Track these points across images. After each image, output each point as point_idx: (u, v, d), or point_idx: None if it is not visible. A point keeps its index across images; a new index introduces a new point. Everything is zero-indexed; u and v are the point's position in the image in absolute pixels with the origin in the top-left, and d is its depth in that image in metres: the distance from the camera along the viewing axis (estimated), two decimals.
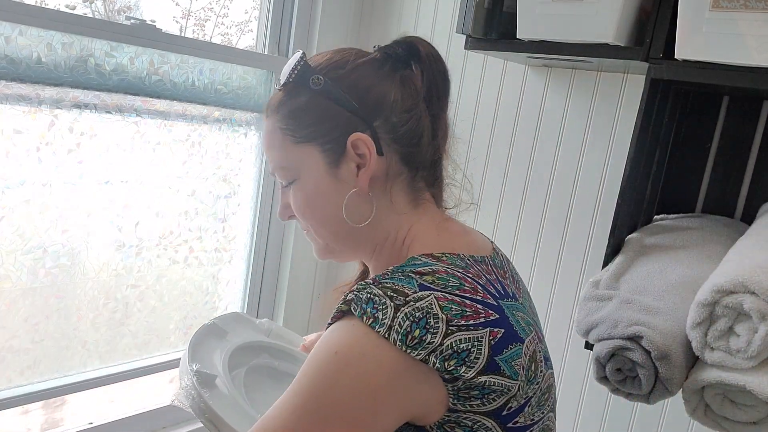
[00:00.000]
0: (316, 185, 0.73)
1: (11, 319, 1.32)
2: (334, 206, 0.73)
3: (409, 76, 0.76)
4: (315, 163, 0.73)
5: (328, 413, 0.60)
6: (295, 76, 0.75)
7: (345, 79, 0.74)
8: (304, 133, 0.73)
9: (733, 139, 1.20)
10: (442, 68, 0.77)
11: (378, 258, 0.77)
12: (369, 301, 0.62)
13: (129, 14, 1.44)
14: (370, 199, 0.73)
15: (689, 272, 1.00)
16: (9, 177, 1.25)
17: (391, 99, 0.73)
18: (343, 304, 0.64)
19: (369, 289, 0.63)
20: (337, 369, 0.61)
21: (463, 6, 1.28)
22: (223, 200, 1.68)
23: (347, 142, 0.71)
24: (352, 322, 0.62)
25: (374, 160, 0.72)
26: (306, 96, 0.74)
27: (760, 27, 0.90)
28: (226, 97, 1.60)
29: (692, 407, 0.89)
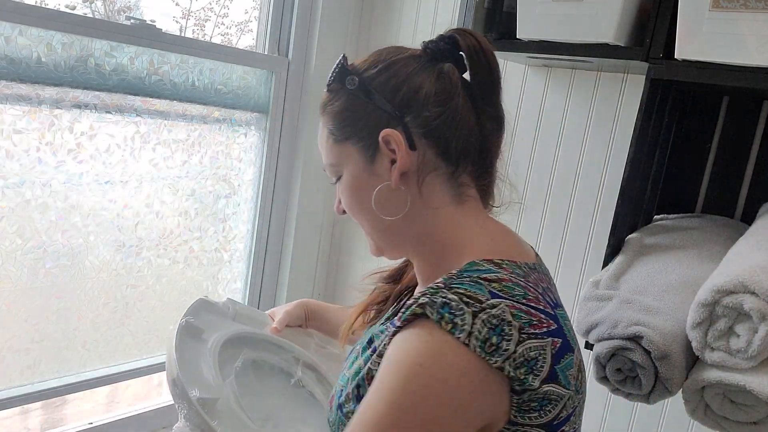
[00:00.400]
0: (356, 181, 0.76)
1: (11, 319, 1.32)
2: (366, 199, 0.75)
3: (447, 70, 0.75)
4: (353, 160, 0.76)
5: (420, 428, 0.59)
6: (334, 78, 0.78)
7: (377, 78, 0.75)
8: (343, 132, 0.76)
9: (733, 139, 1.20)
10: (485, 60, 0.75)
11: (422, 255, 0.78)
12: (445, 306, 0.62)
13: (129, 14, 1.44)
14: (404, 193, 0.74)
15: (689, 272, 1.00)
16: (9, 177, 1.25)
17: (423, 93, 0.73)
18: (417, 306, 0.63)
19: (443, 294, 0.63)
20: (425, 384, 0.60)
21: (463, 6, 1.28)
22: (223, 200, 1.68)
23: (379, 138, 0.73)
24: (430, 329, 0.61)
25: (405, 154, 0.72)
26: (344, 96, 0.76)
27: (760, 27, 0.90)
28: (226, 97, 1.60)
29: (692, 407, 0.89)
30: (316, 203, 1.86)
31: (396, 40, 1.77)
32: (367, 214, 0.76)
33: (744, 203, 1.20)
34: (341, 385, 0.76)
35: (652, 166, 1.19)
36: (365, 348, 0.76)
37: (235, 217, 1.73)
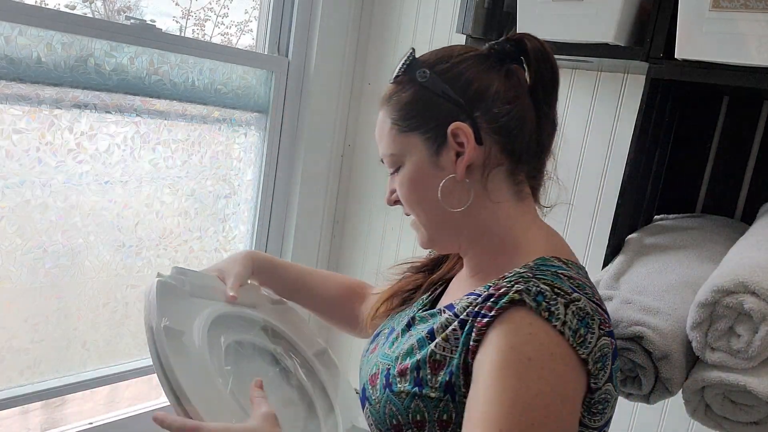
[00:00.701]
0: (418, 172, 0.77)
1: (11, 319, 1.32)
2: (433, 192, 0.76)
3: (515, 71, 0.78)
4: (418, 151, 0.77)
5: (541, 421, 0.61)
6: (404, 70, 0.79)
7: (448, 72, 0.77)
8: (409, 123, 0.77)
9: (733, 139, 1.20)
10: (550, 65, 0.78)
11: (478, 248, 0.80)
12: (539, 294, 0.64)
13: (129, 14, 1.44)
14: (468, 186, 0.76)
15: (689, 272, 1.00)
16: (9, 177, 1.25)
17: (493, 90, 0.75)
18: (515, 293, 0.65)
19: (535, 283, 0.65)
20: (537, 377, 0.61)
21: (463, 6, 1.28)
22: (223, 200, 1.68)
23: (448, 131, 0.74)
24: (529, 319, 0.63)
25: (472, 148, 0.74)
26: (412, 89, 0.77)
27: (760, 27, 0.90)
28: (226, 97, 1.60)
29: (692, 407, 0.89)
30: (316, 203, 1.86)
31: (396, 40, 1.77)
32: (426, 205, 0.78)
33: (744, 203, 1.20)
34: (385, 363, 0.77)
35: (652, 166, 1.19)
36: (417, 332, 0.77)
37: (235, 217, 1.73)
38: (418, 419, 0.70)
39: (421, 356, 0.72)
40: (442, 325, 0.73)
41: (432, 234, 0.80)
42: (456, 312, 0.73)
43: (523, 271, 0.69)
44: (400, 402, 0.71)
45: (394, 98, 0.79)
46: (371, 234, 1.88)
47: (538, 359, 0.62)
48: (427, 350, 0.71)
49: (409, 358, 0.73)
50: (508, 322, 0.64)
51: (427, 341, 0.73)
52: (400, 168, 0.79)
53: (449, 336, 0.70)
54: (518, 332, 0.64)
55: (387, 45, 1.79)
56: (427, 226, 0.80)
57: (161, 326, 0.74)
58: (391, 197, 0.83)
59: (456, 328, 0.70)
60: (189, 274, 0.91)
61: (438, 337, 0.72)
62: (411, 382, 0.71)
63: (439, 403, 0.69)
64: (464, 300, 0.74)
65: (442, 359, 0.69)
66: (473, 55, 0.78)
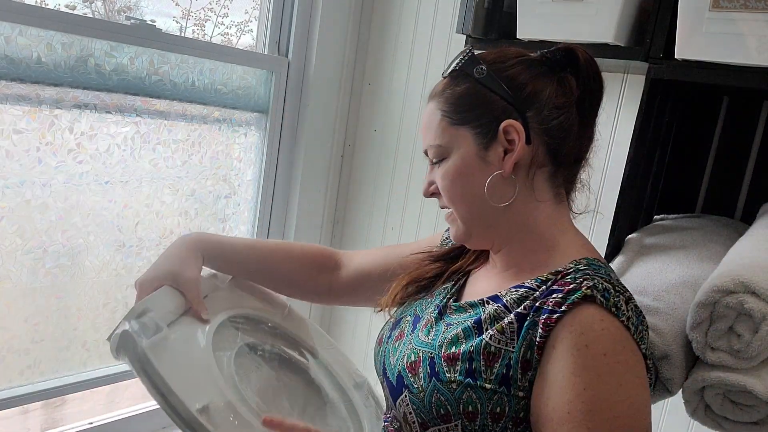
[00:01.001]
0: (465, 164, 0.78)
1: (11, 319, 1.32)
2: (477, 186, 0.78)
3: (567, 79, 0.80)
4: (466, 144, 0.78)
5: (625, 412, 0.64)
6: (462, 65, 0.80)
7: (504, 72, 0.78)
8: (461, 116, 0.78)
9: (733, 139, 1.20)
10: (599, 78, 0.81)
11: (514, 244, 0.81)
12: (606, 291, 0.68)
13: (129, 14, 1.44)
14: (513, 182, 0.78)
15: (689, 272, 1.00)
16: (9, 177, 1.25)
17: (546, 95, 0.78)
18: (587, 289, 0.67)
19: (599, 280, 0.69)
20: (614, 371, 0.65)
21: (463, 6, 1.28)
22: (223, 200, 1.68)
23: (499, 127, 0.76)
24: (600, 315, 0.66)
25: (522, 146, 0.76)
26: (468, 83, 0.79)
27: (760, 27, 0.90)
28: (226, 97, 1.60)
29: (692, 407, 0.89)
30: (316, 203, 1.86)
31: (396, 40, 1.77)
32: (469, 198, 0.79)
33: (744, 203, 1.20)
34: (427, 351, 0.77)
35: (652, 166, 1.19)
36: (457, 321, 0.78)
37: (235, 217, 1.73)
38: (470, 410, 0.70)
39: (473, 347, 0.72)
40: (491, 316, 0.74)
41: (470, 227, 0.81)
42: (506, 304, 0.74)
43: (583, 268, 0.72)
44: (449, 392, 0.72)
45: (448, 91, 0.80)
46: (371, 234, 1.88)
47: (613, 353, 0.65)
48: (480, 341, 0.72)
49: (455, 346, 0.74)
50: (579, 318, 0.67)
51: (474, 331, 0.74)
52: (444, 160, 0.79)
53: (505, 329, 0.71)
54: (592, 328, 0.66)
55: (387, 45, 1.79)
56: (466, 220, 0.80)
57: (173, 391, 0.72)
58: (429, 188, 0.83)
59: (512, 321, 0.71)
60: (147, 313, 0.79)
61: (490, 329, 0.73)
62: (462, 372, 0.72)
63: (493, 396, 0.70)
64: (513, 292, 0.75)
65: (497, 351, 0.71)
66: (527, 59, 0.80)
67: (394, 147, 1.80)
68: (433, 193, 0.83)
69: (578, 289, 0.68)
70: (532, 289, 0.74)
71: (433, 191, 0.82)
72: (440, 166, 0.80)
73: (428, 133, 0.82)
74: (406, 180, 1.77)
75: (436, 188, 0.82)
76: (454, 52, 1.69)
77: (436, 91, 0.82)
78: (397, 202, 1.80)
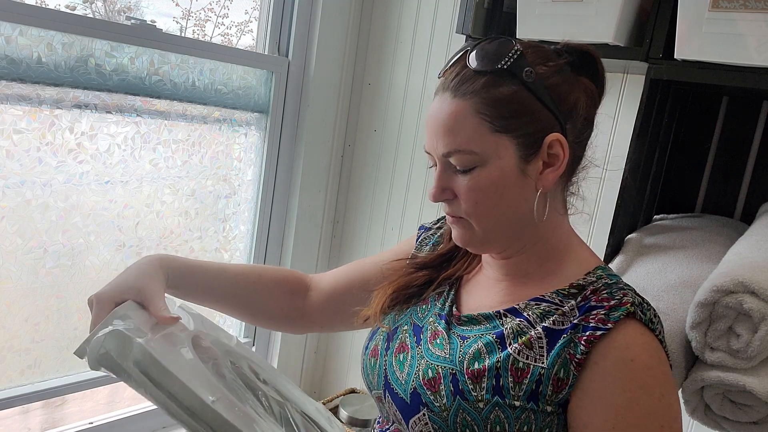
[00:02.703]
0: (503, 176, 0.71)
1: (12, 319, 1.32)
2: (512, 200, 0.72)
3: (591, 89, 0.77)
4: (507, 155, 0.71)
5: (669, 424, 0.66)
6: (509, 65, 0.71)
7: (549, 78, 0.72)
8: (503, 123, 0.70)
9: (732, 139, 1.20)
10: (604, 83, 0.79)
11: (528, 254, 0.77)
12: (642, 305, 0.69)
13: (129, 14, 1.44)
14: (545, 197, 0.74)
15: (689, 272, 1.00)
16: (9, 177, 1.25)
17: (581, 105, 0.75)
18: (630, 306, 0.67)
19: (632, 294, 0.70)
20: (658, 383, 0.66)
21: (463, 6, 1.28)
22: (223, 200, 1.68)
23: (544, 140, 0.71)
24: (641, 330, 0.67)
25: (566, 161, 0.73)
26: (513, 86, 0.71)
27: (760, 27, 0.90)
28: (226, 97, 1.61)
29: (692, 407, 0.89)
30: (316, 203, 1.86)
31: (396, 40, 1.77)
32: (500, 211, 0.73)
33: (744, 203, 1.20)
34: (447, 367, 0.73)
35: (652, 166, 1.19)
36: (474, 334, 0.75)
37: (235, 217, 1.73)
38: (498, 430, 0.68)
39: (499, 362, 0.70)
40: (514, 331, 0.71)
41: (489, 237, 0.75)
42: (529, 319, 0.72)
43: (608, 281, 0.72)
44: (476, 411, 0.69)
45: (490, 92, 0.70)
46: (371, 234, 1.88)
47: (656, 366, 0.66)
48: (507, 356, 0.70)
49: (479, 362, 0.71)
50: (623, 336, 0.66)
51: (497, 346, 0.71)
52: (476, 168, 0.71)
53: (533, 343, 0.69)
54: (635, 343, 0.66)
55: (387, 45, 1.79)
56: (489, 231, 0.74)
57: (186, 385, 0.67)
58: (442, 195, 0.74)
59: (541, 336, 0.70)
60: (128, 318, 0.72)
61: (515, 343, 0.70)
62: (489, 390, 0.69)
63: (522, 414, 0.68)
64: (533, 306, 0.73)
65: (526, 367, 0.68)
66: (562, 63, 0.75)
67: (394, 147, 1.80)
68: (446, 199, 0.75)
69: (621, 306, 0.68)
70: (555, 304, 0.72)
71: (446, 198, 0.75)
72: (468, 174, 0.72)
73: (455, 137, 0.71)
74: (406, 180, 1.77)
75: (451, 195, 0.74)
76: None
77: (468, 89, 0.71)
78: (397, 202, 1.80)
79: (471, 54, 0.73)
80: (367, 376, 0.84)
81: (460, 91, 0.72)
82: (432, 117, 0.74)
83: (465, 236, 0.76)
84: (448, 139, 0.72)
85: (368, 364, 0.84)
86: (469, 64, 0.72)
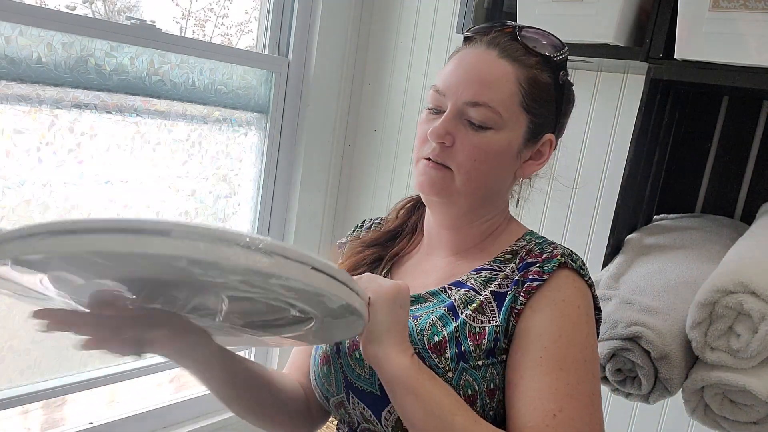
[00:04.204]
0: (506, 148, 0.76)
1: (11, 319, 1.32)
2: (500, 172, 0.78)
3: (569, 86, 0.82)
4: (518, 132, 0.76)
5: (591, 358, 0.70)
6: (558, 60, 0.78)
7: (568, 88, 0.81)
8: (531, 104, 0.76)
9: (732, 139, 1.20)
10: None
11: (472, 228, 0.82)
12: (571, 255, 0.74)
13: (129, 14, 1.44)
14: (521, 184, 0.84)
15: (689, 272, 1.00)
16: (9, 177, 1.25)
17: (570, 108, 0.82)
18: (561, 257, 0.73)
19: (562, 247, 0.75)
20: (585, 321, 0.71)
21: (463, 6, 1.28)
22: (223, 200, 1.68)
23: (543, 135, 0.79)
24: (573, 276, 0.73)
25: (546, 161, 0.80)
26: (550, 79, 0.77)
27: (760, 27, 0.90)
28: (226, 97, 1.61)
29: (692, 407, 0.89)
30: (316, 203, 1.86)
31: (396, 40, 1.77)
32: (488, 177, 0.77)
33: (744, 203, 1.20)
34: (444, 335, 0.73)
35: (652, 166, 1.19)
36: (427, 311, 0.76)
37: (235, 217, 1.73)
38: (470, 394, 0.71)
39: (457, 329, 0.72)
40: (462, 300, 0.75)
41: (463, 194, 0.77)
42: (474, 287, 0.76)
43: (539, 240, 0.78)
44: (447, 382, 0.70)
45: (535, 73, 0.76)
46: None
47: (585, 306, 0.72)
48: (463, 323, 0.73)
49: (437, 335, 0.73)
50: (556, 281, 0.72)
51: (450, 317, 0.74)
52: (489, 129, 0.74)
53: (484, 308, 0.74)
54: (567, 287, 0.72)
55: (387, 45, 1.79)
56: (467, 190, 0.76)
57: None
58: (445, 137, 0.74)
59: (490, 300, 0.74)
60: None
61: (467, 310, 0.74)
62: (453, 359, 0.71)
63: (486, 372, 0.71)
64: (475, 276, 0.77)
65: (482, 330, 0.72)
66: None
67: (394, 147, 1.80)
68: (444, 144, 0.74)
69: (553, 258, 0.73)
70: (494, 270, 0.77)
71: (446, 143, 0.74)
72: (480, 132, 0.74)
73: (489, 91, 0.73)
74: (406, 180, 1.77)
75: (450, 141, 0.74)
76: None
77: (520, 60, 0.75)
78: None
79: (524, 31, 0.78)
80: (321, 386, 0.80)
81: (509, 55, 0.75)
82: (468, 63, 0.76)
83: (440, 183, 0.76)
84: (481, 90, 0.74)
85: (320, 373, 0.80)
86: (522, 38, 0.77)
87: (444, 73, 0.77)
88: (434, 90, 0.77)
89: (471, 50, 0.77)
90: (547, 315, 0.70)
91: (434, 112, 0.77)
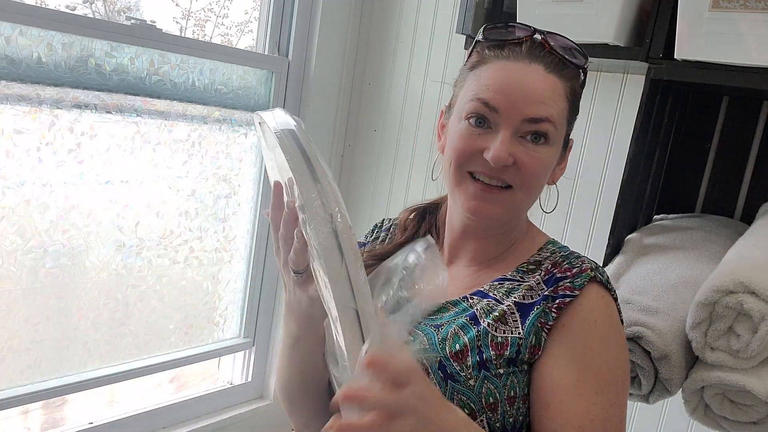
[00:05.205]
0: (554, 158, 0.77)
1: (12, 319, 1.32)
2: (544, 182, 0.79)
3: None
4: (560, 142, 0.77)
5: (623, 378, 0.72)
6: (587, 67, 0.78)
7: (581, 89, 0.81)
8: (573, 113, 0.78)
9: (732, 139, 1.20)
10: None
11: (502, 237, 0.82)
12: (597, 268, 0.75)
13: (129, 14, 1.44)
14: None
15: (689, 272, 1.00)
16: (9, 177, 1.25)
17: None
18: (590, 271, 0.74)
19: (587, 260, 0.76)
20: (615, 340, 0.72)
21: (463, 6, 1.28)
22: (223, 200, 1.68)
23: (570, 140, 0.81)
24: (602, 292, 0.74)
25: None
26: (581, 87, 0.79)
27: (760, 27, 0.90)
28: (226, 97, 1.61)
29: (692, 407, 0.89)
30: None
31: (396, 40, 1.77)
32: (539, 188, 0.78)
33: (744, 203, 1.20)
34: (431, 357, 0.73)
35: (652, 166, 1.19)
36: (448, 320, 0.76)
37: (235, 217, 1.73)
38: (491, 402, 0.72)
39: (480, 338, 0.73)
40: (484, 310, 0.75)
41: (517, 211, 0.78)
42: (496, 298, 0.76)
43: (564, 253, 0.78)
44: (469, 390, 0.72)
45: (573, 82, 0.76)
46: None
47: (614, 325, 0.73)
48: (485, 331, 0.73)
49: (459, 343, 0.73)
50: (587, 299, 0.73)
51: (471, 326, 0.75)
52: (546, 144, 0.74)
53: (507, 318, 0.74)
54: (599, 306, 0.73)
55: (387, 45, 1.79)
56: (522, 204, 0.77)
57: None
58: (508, 159, 0.72)
59: (513, 311, 0.74)
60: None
61: (488, 319, 0.74)
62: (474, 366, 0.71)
63: (507, 380, 0.72)
64: (497, 286, 0.77)
65: (504, 340, 0.72)
66: None
67: (394, 147, 1.80)
68: (505, 165, 0.72)
69: (582, 273, 0.74)
70: (517, 281, 0.77)
71: (506, 164, 0.72)
72: (538, 146, 0.73)
73: (549, 108, 0.73)
74: (406, 180, 1.77)
75: (512, 161, 0.72)
76: (454, 52, 1.70)
77: (564, 72, 0.74)
78: (397, 202, 1.80)
79: (552, 39, 0.75)
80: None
81: (553, 70, 0.74)
82: (518, 80, 0.73)
83: (498, 209, 0.75)
84: (542, 107, 0.72)
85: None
86: (556, 50, 0.74)
87: (490, 87, 0.73)
88: (480, 102, 0.73)
89: (513, 64, 0.74)
90: (582, 338, 0.71)
91: (479, 124, 0.74)
